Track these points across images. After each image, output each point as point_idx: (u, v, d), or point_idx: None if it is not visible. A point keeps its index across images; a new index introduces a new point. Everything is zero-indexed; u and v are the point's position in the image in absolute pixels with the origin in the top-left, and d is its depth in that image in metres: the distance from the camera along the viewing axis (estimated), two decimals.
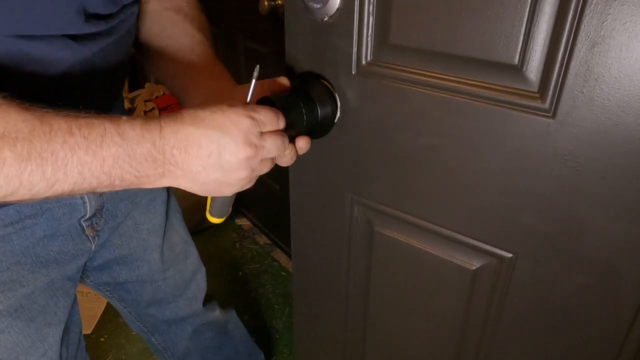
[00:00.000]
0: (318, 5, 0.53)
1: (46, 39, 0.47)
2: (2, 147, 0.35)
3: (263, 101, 0.52)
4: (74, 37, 0.50)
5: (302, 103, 0.54)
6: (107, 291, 0.84)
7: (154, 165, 0.41)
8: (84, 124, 0.39)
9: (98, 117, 0.40)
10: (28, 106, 0.38)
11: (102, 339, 1.49)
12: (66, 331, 0.71)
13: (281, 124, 0.46)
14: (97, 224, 0.68)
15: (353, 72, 0.55)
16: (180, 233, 0.87)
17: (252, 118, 0.43)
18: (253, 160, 0.44)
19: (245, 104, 0.47)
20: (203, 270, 0.95)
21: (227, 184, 0.44)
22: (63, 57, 0.49)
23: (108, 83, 0.61)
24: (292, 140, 0.52)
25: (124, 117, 0.41)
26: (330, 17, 0.54)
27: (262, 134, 0.44)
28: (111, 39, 0.55)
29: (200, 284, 0.94)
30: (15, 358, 0.63)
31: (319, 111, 0.56)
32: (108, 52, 0.56)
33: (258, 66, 0.48)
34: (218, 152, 0.42)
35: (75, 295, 0.73)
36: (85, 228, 0.66)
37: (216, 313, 1.00)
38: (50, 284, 0.65)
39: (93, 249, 0.71)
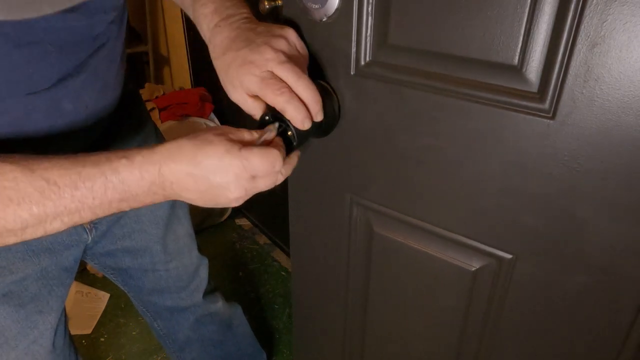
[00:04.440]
0: (317, 6, 0.53)
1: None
2: (22, 213, 0.42)
3: (270, 115, 0.52)
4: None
5: None
6: (111, 274, 0.87)
7: (155, 196, 0.47)
8: (86, 177, 0.43)
9: (98, 166, 0.44)
10: (33, 166, 0.42)
11: (102, 339, 1.49)
12: (60, 320, 0.72)
13: (277, 168, 0.47)
14: None
15: (352, 73, 0.55)
16: (185, 226, 0.88)
17: (245, 168, 0.46)
18: (244, 197, 0.48)
19: (242, 145, 0.47)
20: (206, 261, 0.96)
21: (223, 205, 0.49)
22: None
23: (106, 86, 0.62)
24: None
25: (123, 161, 0.44)
26: (329, 17, 0.53)
27: (254, 177, 0.47)
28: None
29: (202, 276, 0.95)
30: (4, 342, 0.64)
31: (325, 112, 0.56)
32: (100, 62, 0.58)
33: (277, 123, 0.49)
34: (212, 192, 0.47)
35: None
36: None
37: (218, 305, 1.01)
38: (44, 273, 0.66)
39: (89, 241, 0.72)
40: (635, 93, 0.38)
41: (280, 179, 0.50)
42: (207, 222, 1.96)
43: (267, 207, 1.87)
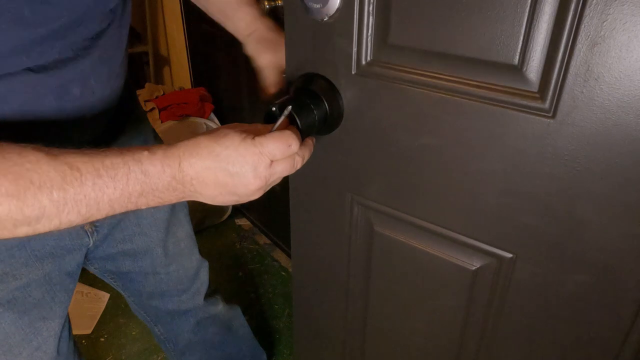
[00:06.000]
0: (318, 6, 0.53)
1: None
2: (42, 197, 0.40)
3: (274, 110, 0.52)
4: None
5: (312, 105, 0.54)
6: (111, 279, 0.86)
7: (174, 193, 0.46)
8: (109, 165, 0.43)
9: (121, 155, 0.44)
10: (56, 152, 0.42)
11: (102, 339, 1.49)
12: (64, 326, 0.72)
13: (294, 148, 0.47)
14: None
15: (353, 72, 0.55)
16: (186, 228, 0.88)
17: (261, 154, 0.46)
18: (265, 187, 0.49)
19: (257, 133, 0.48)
20: (206, 264, 0.96)
21: (243, 201, 0.50)
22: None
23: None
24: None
25: (145, 153, 0.45)
26: (330, 17, 0.53)
27: (271, 162, 0.47)
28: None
29: (203, 279, 0.95)
30: (8, 349, 0.64)
31: (327, 109, 0.56)
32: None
33: (290, 107, 0.50)
34: (232, 183, 0.46)
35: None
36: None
37: (219, 307, 1.01)
38: (47, 279, 0.65)
39: (91, 244, 0.72)
40: (635, 93, 0.39)
41: (298, 163, 0.50)
42: (207, 222, 1.96)
43: (267, 207, 1.87)
